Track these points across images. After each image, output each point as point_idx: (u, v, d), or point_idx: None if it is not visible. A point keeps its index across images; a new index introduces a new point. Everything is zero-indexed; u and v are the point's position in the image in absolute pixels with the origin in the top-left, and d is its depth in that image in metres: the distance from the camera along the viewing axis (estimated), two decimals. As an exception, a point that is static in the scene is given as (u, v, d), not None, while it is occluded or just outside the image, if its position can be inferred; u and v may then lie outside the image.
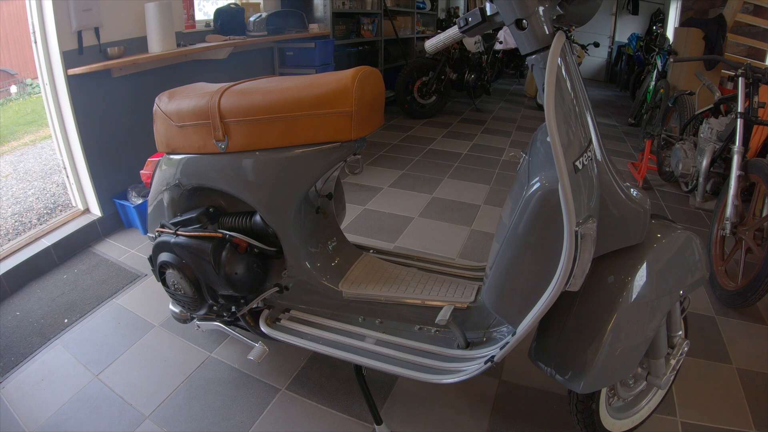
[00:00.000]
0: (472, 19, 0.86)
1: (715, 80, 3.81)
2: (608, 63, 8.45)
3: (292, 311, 1.32)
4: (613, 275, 0.94)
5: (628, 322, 0.92)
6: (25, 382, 1.40)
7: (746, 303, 1.73)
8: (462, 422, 1.29)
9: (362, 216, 2.50)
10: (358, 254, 1.44)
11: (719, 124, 2.39)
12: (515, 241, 0.94)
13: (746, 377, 1.48)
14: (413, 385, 1.40)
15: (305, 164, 1.15)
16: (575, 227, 0.79)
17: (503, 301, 1.01)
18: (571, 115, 0.82)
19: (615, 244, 0.94)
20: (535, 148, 1.02)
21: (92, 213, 2.30)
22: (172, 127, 1.21)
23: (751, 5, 4.12)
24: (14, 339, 1.56)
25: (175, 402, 1.33)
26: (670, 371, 1.07)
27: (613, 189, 0.91)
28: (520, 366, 1.47)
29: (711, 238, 2.03)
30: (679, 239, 0.99)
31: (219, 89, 1.16)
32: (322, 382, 1.41)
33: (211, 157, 1.21)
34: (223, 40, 2.80)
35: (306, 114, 1.09)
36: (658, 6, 7.08)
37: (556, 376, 0.98)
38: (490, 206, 2.68)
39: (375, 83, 1.13)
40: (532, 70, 0.84)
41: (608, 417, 1.15)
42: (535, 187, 0.88)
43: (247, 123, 1.12)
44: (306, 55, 3.46)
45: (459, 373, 1.06)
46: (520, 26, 0.79)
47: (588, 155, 0.84)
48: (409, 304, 1.26)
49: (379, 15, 4.71)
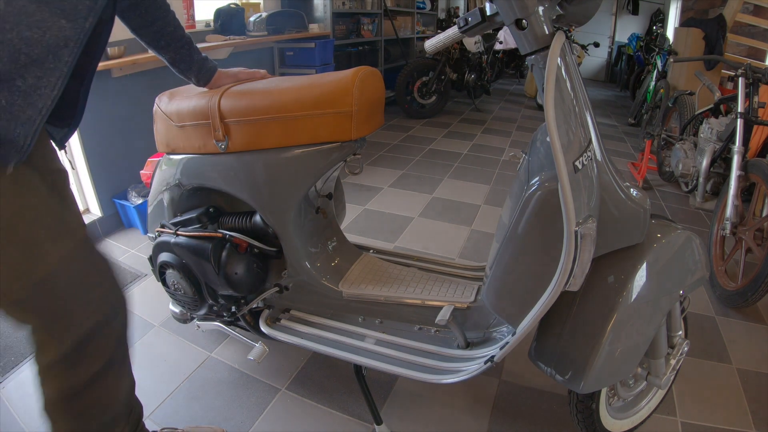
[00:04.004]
0: (471, 19, 0.86)
1: (715, 80, 3.81)
2: (608, 63, 8.45)
3: (292, 311, 1.32)
4: (613, 275, 0.94)
5: (628, 322, 0.92)
6: (25, 382, 1.40)
7: (746, 303, 1.73)
8: (462, 422, 1.29)
9: (362, 216, 2.50)
10: (358, 254, 1.44)
11: (719, 124, 2.39)
12: (515, 241, 0.94)
13: (746, 377, 1.48)
14: (413, 385, 1.40)
15: (305, 164, 1.15)
16: (575, 227, 0.79)
17: (503, 301, 1.01)
18: (571, 115, 0.82)
19: (615, 243, 0.94)
20: (535, 148, 1.02)
21: (92, 213, 2.30)
22: (172, 127, 1.21)
23: (751, 5, 4.11)
24: (14, 339, 1.56)
25: (175, 402, 1.33)
26: (670, 371, 1.07)
27: (613, 189, 0.91)
28: (520, 366, 1.47)
29: (711, 238, 2.03)
30: (679, 239, 0.99)
31: (219, 89, 1.16)
32: (322, 382, 1.41)
33: (211, 157, 1.21)
34: (223, 40, 2.80)
35: (306, 114, 1.09)
36: (658, 6, 7.08)
37: (556, 376, 0.98)
38: (490, 206, 2.68)
39: (375, 83, 1.13)
40: (532, 70, 0.84)
41: (608, 417, 1.15)
42: (535, 187, 0.88)
43: (247, 123, 1.12)
44: (306, 55, 3.47)
45: (459, 373, 1.06)
46: (519, 26, 0.79)
47: (588, 155, 0.84)
48: (409, 304, 1.26)
49: (379, 15, 4.71)
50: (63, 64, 0.71)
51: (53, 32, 0.68)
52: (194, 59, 1.12)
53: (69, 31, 0.70)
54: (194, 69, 1.13)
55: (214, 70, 1.17)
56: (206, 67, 1.16)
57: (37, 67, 0.67)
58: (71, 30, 0.70)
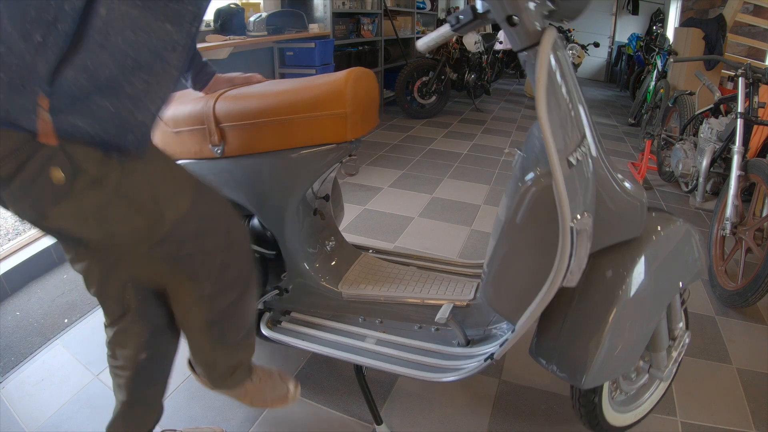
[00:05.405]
0: (463, 17, 0.86)
1: (715, 80, 3.81)
2: (608, 63, 8.45)
3: (292, 313, 1.32)
4: (612, 269, 0.94)
5: (629, 316, 0.92)
6: (25, 382, 1.40)
7: (746, 303, 1.73)
8: (462, 422, 1.29)
9: (362, 216, 2.50)
10: (356, 255, 1.45)
11: (719, 124, 2.39)
12: (511, 237, 0.94)
13: (746, 377, 1.48)
14: (413, 385, 1.40)
15: (301, 167, 1.15)
16: (570, 223, 0.79)
17: (501, 298, 1.01)
18: (564, 111, 0.82)
19: (613, 238, 0.94)
20: (529, 145, 1.02)
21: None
22: (167, 132, 1.21)
23: (751, 5, 4.11)
24: (14, 339, 1.56)
25: (175, 402, 1.33)
26: (672, 363, 1.07)
27: (609, 183, 0.90)
28: (521, 365, 1.47)
29: (711, 238, 2.03)
30: (678, 231, 0.99)
31: (214, 94, 1.16)
32: (322, 382, 1.41)
33: (207, 162, 1.21)
34: (223, 40, 2.79)
35: (300, 116, 1.09)
36: (658, 6, 7.08)
37: (557, 372, 0.98)
38: (490, 206, 2.68)
39: (368, 84, 1.13)
40: (525, 67, 0.84)
41: (611, 411, 1.14)
42: (529, 183, 0.88)
43: (242, 127, 1.12)
44: (306, 55, 3.46)
45: (459, 370, 1.06)
46: (511, 22, 0.78)
47: (582, 150, 0.84)
48: (409, 303, 1.26)
49: (379, 15, 4.71)
50: (173, 68, 0.71)
51: (159, 36, 0.67)
52: (195, 62, 1.13)
53: (176, 35, 0.70)
54: (193, 72, 1.14)
55: (211, 76, 1.18)
56: (205, 72, 1.16)
57: (145, 72, 0.67)
58: (178, 34, 0.70)
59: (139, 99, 0.68)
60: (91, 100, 0.63)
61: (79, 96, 0.62)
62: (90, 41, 0.61)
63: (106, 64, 0.63)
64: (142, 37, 0.65)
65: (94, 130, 0.65)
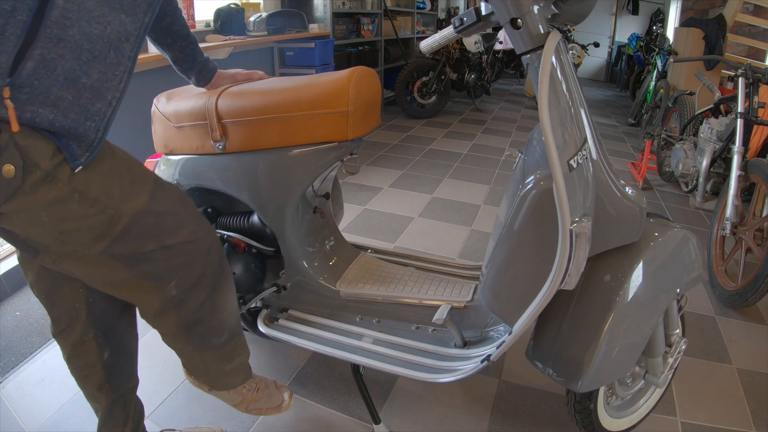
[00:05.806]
0: (467, 19, 0.87)
1: (715, 80, 3.81)
2: (608, 63, 8.44)
3: (290, 311, 1.32)
4: (609, 274, 0.94)
5: (625, 321, 0.92)
6: (25, 382, 1.40)
7: (746, 303, 1.73)
8: (462, 422, 1.29)
9: (362, 216, 2.50)
10: (355, 254, 1.45)
11: (719, 124, 2.39)
12: (510, 239, 0.94)
13: (746, 377, 1.48)
14: (412, 385, 1.40)
15: (302, 164, 1.15)
16: (570, 226, 0.79)
17: (499, 300, 1.01)
18: (566, 114, 0.82)
19: (611, 242, 0.94)
20: (530, 147, 1.02)
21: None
22: (170, 127, 1.22)
23: (751, 5, 4.11)
24: (14, 339, 1.56)
25: (175, 402, 1.33)
26: (668, 370, 1.07)
27: (609, 187, 0.91)
28: (521, 366, 1.47)
29: (711, 238, 2.03)
30: (676, 237, 0.99)
31: (216, 90, 1.16)
32: (321, 382, 1.41)
33: (208, 157, 1.21)
34: (223, 40, 2.80)
35: (302, 114, 1.09)
36: (658, 6, 7.07)
37: (553, 375, 0.98)
38: (490, 206, 2.68)
39: (371, 83, 1.13)
40: (528, 70, 0.84)
41: (606, 416, 1.15)
42: (530, 186, 0.88)
43: (244, 123, 1.12)
44: (306, 55, 3.47)
45: (455, 372, 1.06)
46: (515, 25, 0.79)
47: (583, 154, 0.84)
48: (407, 303, 1.26)
49: (379, 15, 4.71)
50: (126, 59, 0.72)
51: (114, 27, 0.68)
52: (197, 59, 1.13)
53: (129, 26, 0.71)
54: (196, 69, 1.14)
55: (214, 72, 1.18)
56: (207, 68, 1.16)
57: (99, 63, 0.68)
58: (131, 24, 0.71)
59: (95, 89, 0.69)
60: (50, 91, 0.64)
61: (38, 87, 0.62)
62: (47, 32, 0.62)
63: (63, 56, 0.63)
64: (97, 29, 0.66)
65: (55, 117, 0.65)
